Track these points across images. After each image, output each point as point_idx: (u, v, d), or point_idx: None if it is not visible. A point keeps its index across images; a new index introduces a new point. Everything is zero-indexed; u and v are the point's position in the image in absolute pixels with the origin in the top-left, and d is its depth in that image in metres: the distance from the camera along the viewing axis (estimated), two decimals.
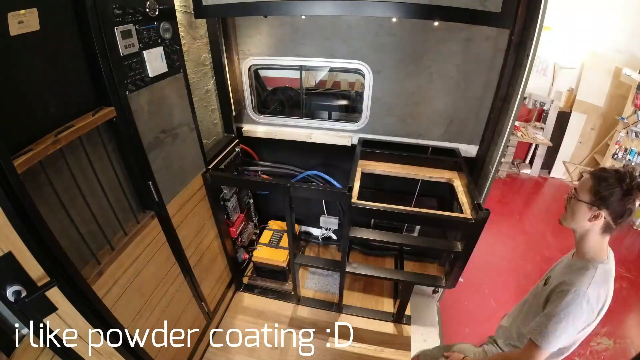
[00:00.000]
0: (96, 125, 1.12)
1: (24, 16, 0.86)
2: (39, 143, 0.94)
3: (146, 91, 1.30)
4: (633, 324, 2.63)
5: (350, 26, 1.81)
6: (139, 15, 1.20)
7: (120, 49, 1.14)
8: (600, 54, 4.00)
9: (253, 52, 2.02)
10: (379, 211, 1.62)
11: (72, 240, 1.11)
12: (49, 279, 0.91)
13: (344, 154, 2.18)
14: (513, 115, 1.54)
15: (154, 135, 1.38)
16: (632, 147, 3.64)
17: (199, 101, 1.88)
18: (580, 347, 2.35)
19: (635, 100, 3.52)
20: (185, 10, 1.63)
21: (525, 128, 4.44)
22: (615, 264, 1.10)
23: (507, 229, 3.63)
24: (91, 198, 1.18)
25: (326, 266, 2.17)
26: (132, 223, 1.38)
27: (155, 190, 1.41)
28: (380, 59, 1.87)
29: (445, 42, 1.74)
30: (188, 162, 1.66)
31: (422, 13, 1.34)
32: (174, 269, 1.65)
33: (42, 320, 0.94)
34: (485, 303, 2.72)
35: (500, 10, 1.29)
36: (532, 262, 3.15)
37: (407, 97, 1.95)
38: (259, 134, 2.27)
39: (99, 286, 1.17)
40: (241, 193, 2.26)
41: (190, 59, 1.75)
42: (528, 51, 1.40)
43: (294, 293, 2.34)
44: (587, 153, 4.32)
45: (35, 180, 0.97)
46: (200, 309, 1.95)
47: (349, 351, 2.01)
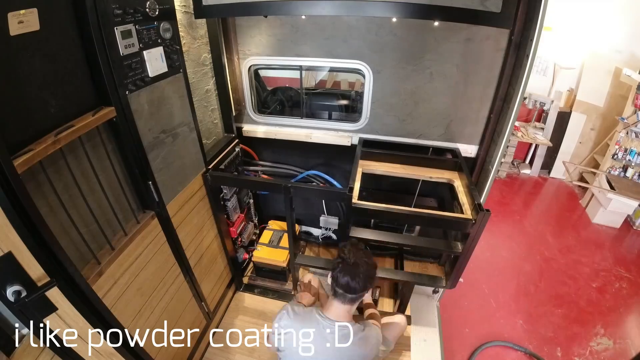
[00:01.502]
0: (96, 125, 1.12)
1: (24, 16, 0.86)
2: (39, 143, 0.94)
3: (146, 91, 1.30)
4: (633, 324, 2.63)
5: (350, 26, 1.81)
6: (139, 15, 1.20)
7: (120, 49, 1.14)
8: (600, 54, 4.00)
9: (253, 52, 2.02)
10: (379, 211, 1.62)
11: (72, 240, 1.11)
12: (49, 279, 0.91)
13: (344, 154, 2.18)
14: (513, 115, 1.54)
15: (154, 135, 1.38)
16: (632, 147, 3.64)
17: (199, 101, 1.88)
18: (580, 347, 2.38)
19: (635, 100, 3.52)
20: (185, 10, 1.63)
21: (525, 128, 4.44)
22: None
23: (507, 229, 3.63)
24: (91, 198, 1.17)
25: (326, 266, 2.17)
26: (132, 223, 1.38)
27: (155, 190, 1.41)
28: (380, 59, 1.87)
29: (445, 42, 1.74)
30: (188, 162, 1.66)
31: (422, 13, 1.33)
32: (174, 269, 1.65)
33: (42, 320, 0.94)
34: (485, 303, 2.72)
35: (500, 10, 1.29)
36: (532, 262, 3.16)
37: (407, 97, 1.95)
38: (259, 134, 2.27)
39: (99, 286, 1.17)
40: (241, 193, 2.26)
41: (190, 59, 1.75)
42: (528, 51, 1.39)
43: (294, 293, 2.34)
44: (587, 153, 4.32)
45: (35, 180, 0.97)
46: (200, 309, 1.95)
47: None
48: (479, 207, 1.49)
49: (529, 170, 4.68)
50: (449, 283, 1.83)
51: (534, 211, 4.03)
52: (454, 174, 1.90)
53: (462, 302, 2.70)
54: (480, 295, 2.78)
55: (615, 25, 3.83)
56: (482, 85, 1.80)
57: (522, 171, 4.70)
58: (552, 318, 2.60)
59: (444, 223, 1.68)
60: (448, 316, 2.49)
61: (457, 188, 1.80)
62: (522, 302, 2.74)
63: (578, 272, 3.04)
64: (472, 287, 2.85)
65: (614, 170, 3.77)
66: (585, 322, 2.59)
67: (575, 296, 2.81)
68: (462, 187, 1.79)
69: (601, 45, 3.96)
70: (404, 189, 2.19)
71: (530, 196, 4.32)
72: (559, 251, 3.30)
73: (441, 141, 2.04)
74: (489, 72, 1.75)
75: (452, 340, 2.39)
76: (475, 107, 1.87)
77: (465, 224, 1.54)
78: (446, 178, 1.88)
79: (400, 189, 2.22)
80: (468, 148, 2.01)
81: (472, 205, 1.57)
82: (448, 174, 1.90)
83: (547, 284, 2.92)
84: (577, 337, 2.48)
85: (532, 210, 4.04)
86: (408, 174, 1.93)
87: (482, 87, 1.80)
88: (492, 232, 3.56)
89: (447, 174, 1.90)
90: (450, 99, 1.89)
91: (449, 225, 1.75)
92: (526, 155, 4.76)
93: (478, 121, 1.90)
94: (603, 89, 4.08)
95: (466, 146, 2.00)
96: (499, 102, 1.72)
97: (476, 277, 2.94)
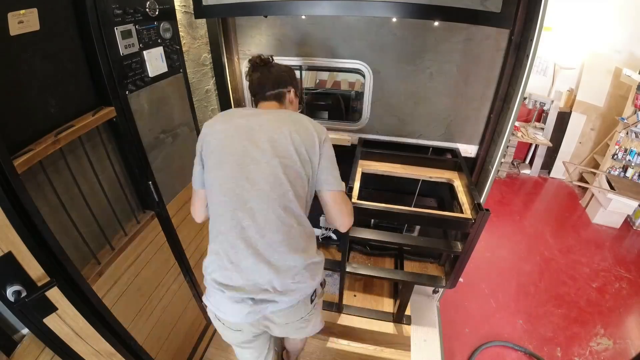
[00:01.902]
0: (96, 125, 1.12)
1: (24, 16, 0.86)
2: (39, 143, 0.94)
3: (146, 91, 1.30)
4: (633, 324, 2.63)
5: (350, 26, 1.81)
6: (139, 15, 1.20)
7: (120, 49, 1.14)
8: (600, 54, 4.00)
9: (253, 52, 2.02)
10: (379, 211, 1.62)
11: (72, 240, 1.11)
12: (49, 279, 0.91)
13: (344, 154, 2.18)
14: (513, 115, 1.54)
15: (154, 135, 1.38)
16: (632, 147, 3.64)
17: (199, 101, 1.88)
18: (580, 347, 2.39)
19: (635, 100, 3.52)
20: (185, 10, 1.63)
21: (525, 128, 4.44)
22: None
23: (507, 229, 3.63)
24: (91, 198, 1.18)
25: (326, 266, 2.16)
26: (132, 223, 1.38)
27: (155, 190, 1.42)
28: (380, 59, 1.87)
29: (445, 42, 1.74)
30: (188, 162, 1.64)
31: (422, 13, 1.34)
32: (174, 269, 1.65)
33: (42, 320, 0.94)
34: (485, 303, 2.72)
35: (500, 10, 1.29)
36: (531, 262, 3.16)
37: (407, 97, 1.95)
38: None
39: (99, 286, 1.17)
40: None
41: (190, 59, 1.75)
42: (528, 51, 1.40)
43: None
44: (587, 153, 4.32)
45: (35, 180, 0.97)
46: (200, 309, 1.95)
47: (348, 351, 2.01)
48: (479, 206, 1.49)
49: (529, 170, 4.68)
50: (449, 283, 1.83)
51: (534, 211, 4.03)
52: (454, 173, 1.90)
53: (462, 302, 2.70)
54: (480, 295, 2.78)
55: (615, 25, 3.83)
56: (482, 85, 1.79)
57: (522, 171, 4.70)
58: (552, 318, 2.60)
59: (443, 223, 1.68)
60: (448, 316, 2.49)
61: (457, 188, 1.80)
62: (522, 302, 2.74)
63: (578, 272, 3.04)
64: (472, 287, 2.85)
65: (614, 170, 3.77)
66: (585, 322, 2.59)
67: (575, 296, 2.81)
68: (462, 186, 1.79)
69: (601, 45, 3.96)
70: (404, 188, 2.19)
71: (530, 196, 4.32)
72: (559, 251, 3.30)
73: (441, 141, 2.04)
74: (489, 72, 1.75)
75: (452, 340, 2.39)
76: (475, 107, 1.87)
77: (465, 224, 1.54)
78: (446, 178, 1.88)
79: (400, 189, 2.21)
80: (468, 148, 2.00)
81: (472, 204, 1.57)
82: (448, 173, 1.90)
83: (547, 284, 2.92)
84: (577, 337, 2.48)
85: (532, 211, 4.04)
86: (408, 174, 1.93)
87: (482, 87, 1.80)
88: (492, 232, 3.56)
89: (447, 174, 1.90)
90: (450, 98, 1.89)
91: (449, 225, 1.75)
92: (526, 155, 4.77)
93: (478, 121, 1.90)
94: (603, 89, 4.08)
95: (466, 146, 2.00)
96: (499, 102, 1.72)
97: (476, 277, 2.94)
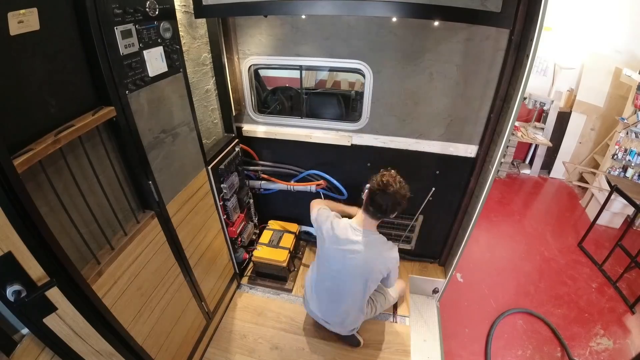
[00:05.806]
0: (96, 124, 1.12)
1: (24, 16, 0.86)
2: (39, 143, 0.94)
3: (146, 91, 1.30)
4: (633, 324, 2.63)
5: (350, 26, 1.81)
6: (139, 15, 1.20)
7: (120, 48, 1.14)
8: (600, 54, 4.00)
9: (253, 51, 2.02)
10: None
11: (72, 240, 1.11)
12: (49, 279, 0.91)
13: (344, 153, 2.18)
14: (513, 115, 1.54)
15: (154, 134, 1.38)
16: (632, 147, 3.64)
17: (198, 101, 1.88)
18: (580, 347, 2.38)
19: (635, 100, 3.52)
20: (185, 10, 1.63)
21: (525, 128, 4.44)
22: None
23: (507, 229, 3.63)
24: (91, 198, 1.17)
25: None
26: (132, 223, 1.38)
27: (155, 190, 1.41)
28: (380, 59, 1.87)
29: (445, 42, 1.74)
30: (188, 161, 1.66)
31: (422, 13, 1.34)
32: (174, 268, 1.65)
33: (42, 320, 0.94)
34: (485, 303, 2.72)
35: (500, 10, 1.30)
36: (531, 262, 3.16)
37: (407, 97, 1.95)
38: (259, 134, 2.27)
39: (99, 286, 1.17)
40: (241, 193, 2.26)
41: (190, 58, 1.75)
42: (528, 51, 1.40)
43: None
44: (587, 153, 4.32)
45: (35, 180, 0.97)
46: (200, 309, 1.95)
47: (348, 351, 2.01)
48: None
49: (529, 170, 4.68)
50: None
51: (534, 211, 4.03)
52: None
53: (462, 302, 2.70)
54: (480, 295, 2.78)
55: (615, 26, 3.83)
56: (482, 85, 1.79)
57: (522, 171, 4.70)
58: (552, 318, 2.60)
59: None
60: (448, 316, 2.49)
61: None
62: (522, 302, 2.74)
63: (578, 272, 3.04)
64: (472, 287, 2.85)
65: (613, 170, 3.77)
66: (585, 322, 2.59)
67: (575, 296, 2.81)
68: None
69: (601, 45, 3.96)
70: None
71: (530, 196, 4.32)
72: (559, 251, 3.30)
73: (441, 141, 2.04)
74: (489, 72, 1.75)
75: (452, 340, 2.39)
76: (475, 107, 1.87)
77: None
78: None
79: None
80: (468, 148, 2.01)
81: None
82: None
83: (547, 284, 2.92)
84: (577, 337, 2.48)
85: (532, 210, 4.04)
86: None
87: (482, 87, 1.80)
88: (492, 232, 3.56)
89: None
90: (450, 99, 1.89)
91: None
92: (526, 156, 4.77)
93: (478, 121, 1.90)
94: (603, 89, 4.08)
95: (466, 146, 2.00)
96: (499, 102, 1.72)
97: (476, 277, 2.94)
